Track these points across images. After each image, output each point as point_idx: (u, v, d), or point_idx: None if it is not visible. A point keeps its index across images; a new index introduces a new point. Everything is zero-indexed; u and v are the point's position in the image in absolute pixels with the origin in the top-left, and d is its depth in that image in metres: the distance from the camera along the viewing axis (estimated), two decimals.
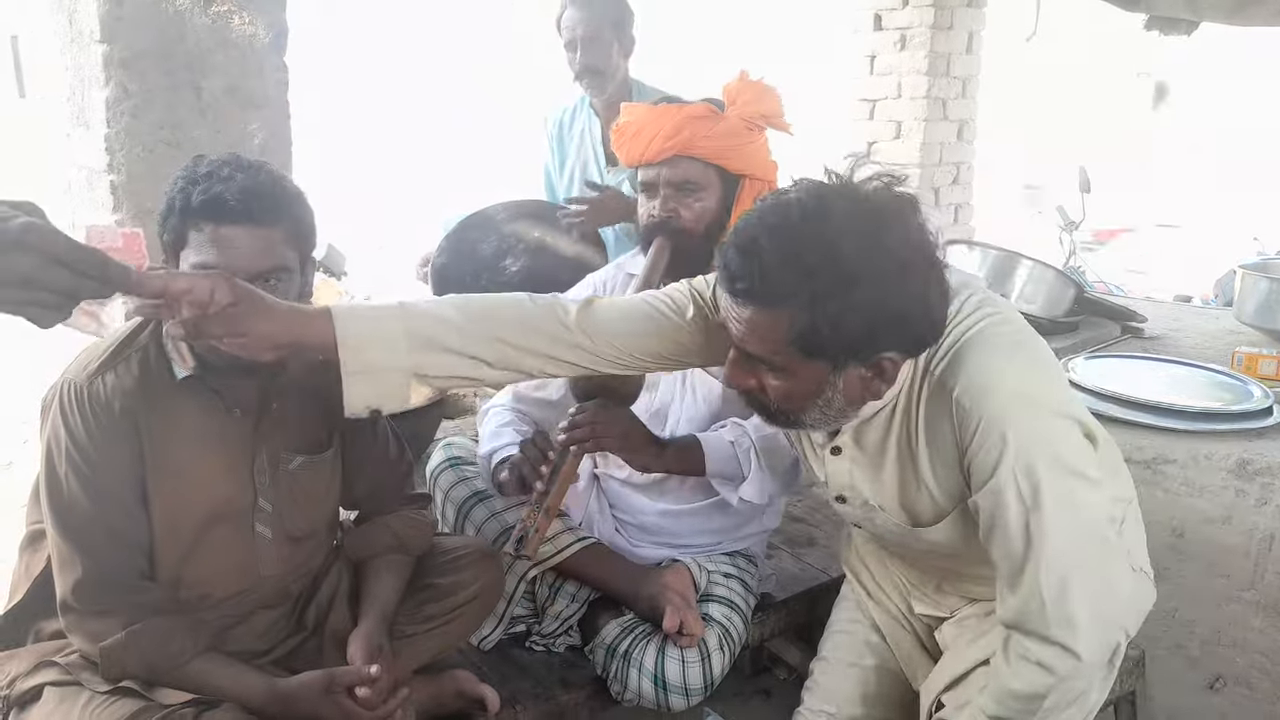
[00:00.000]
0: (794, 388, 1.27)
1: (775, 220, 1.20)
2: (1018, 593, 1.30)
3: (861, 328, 1.20)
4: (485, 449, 1.94)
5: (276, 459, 1.62)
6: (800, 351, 1.22)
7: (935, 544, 1.45)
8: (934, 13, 4.69)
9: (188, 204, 1.42)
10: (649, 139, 1.84)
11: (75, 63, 2.25)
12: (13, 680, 1.54)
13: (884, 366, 1.26)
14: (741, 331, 1.24)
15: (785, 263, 1.18)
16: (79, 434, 1.46)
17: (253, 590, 1.63)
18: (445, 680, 1.80)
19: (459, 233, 3.10)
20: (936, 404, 1.32)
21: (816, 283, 1.17)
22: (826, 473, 1.50)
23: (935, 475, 1.36)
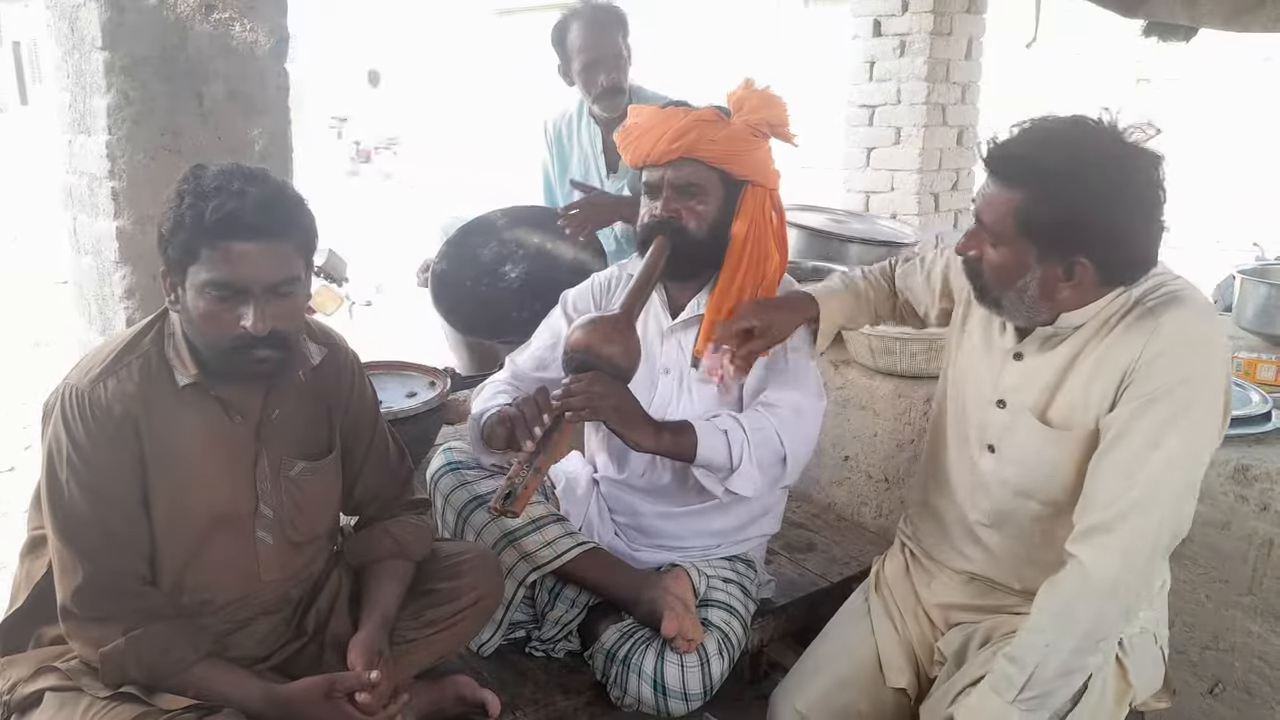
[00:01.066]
0: (1003, 263, 1.47)
1: (1043, 123, 1.45)
2: (1097, 500, 1.43)
3: (1073, 225, 1.40)
4: (477, 410, 1.91)
5: (278, 465, 1.62)
6: (1017, 226, 1.43)
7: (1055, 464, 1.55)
8: (933, 19, 4.69)
9: (200, 221, 1.41)
10: (655, 140, 1.85)
11: (77, 69, 2.26)
12: (13, 685, 1.54)
13: (1076, 271, 1.44)
14: (981, 204, 1.48)
15: (1033, 153, 1.42)
16: (80, 439, 1.47)
17: (253, 596, 1.63)
18: (445, 685, 1.80)
19: (459, 238, 3.11)
20: (1135, 328, 1.46)
21: (1052, 176, 1.39)
22: (998, 376, 1.63)
23: (1095, 391, 1.49)
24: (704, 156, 1.85)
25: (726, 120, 1.88)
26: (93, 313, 2.47)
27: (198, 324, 1.47)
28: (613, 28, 3.00)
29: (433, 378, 2.71)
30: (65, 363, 1.65)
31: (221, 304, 1.45)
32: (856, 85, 5.12)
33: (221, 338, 1.47)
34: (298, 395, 1.65)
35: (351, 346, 1.81)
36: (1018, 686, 1.43)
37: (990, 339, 1.69)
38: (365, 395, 1.78)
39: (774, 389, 1.89)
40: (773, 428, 1.83)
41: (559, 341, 2.01)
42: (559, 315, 2.08)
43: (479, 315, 2.96)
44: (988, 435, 1.67)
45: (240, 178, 1.45)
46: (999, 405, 1.65)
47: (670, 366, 1.96)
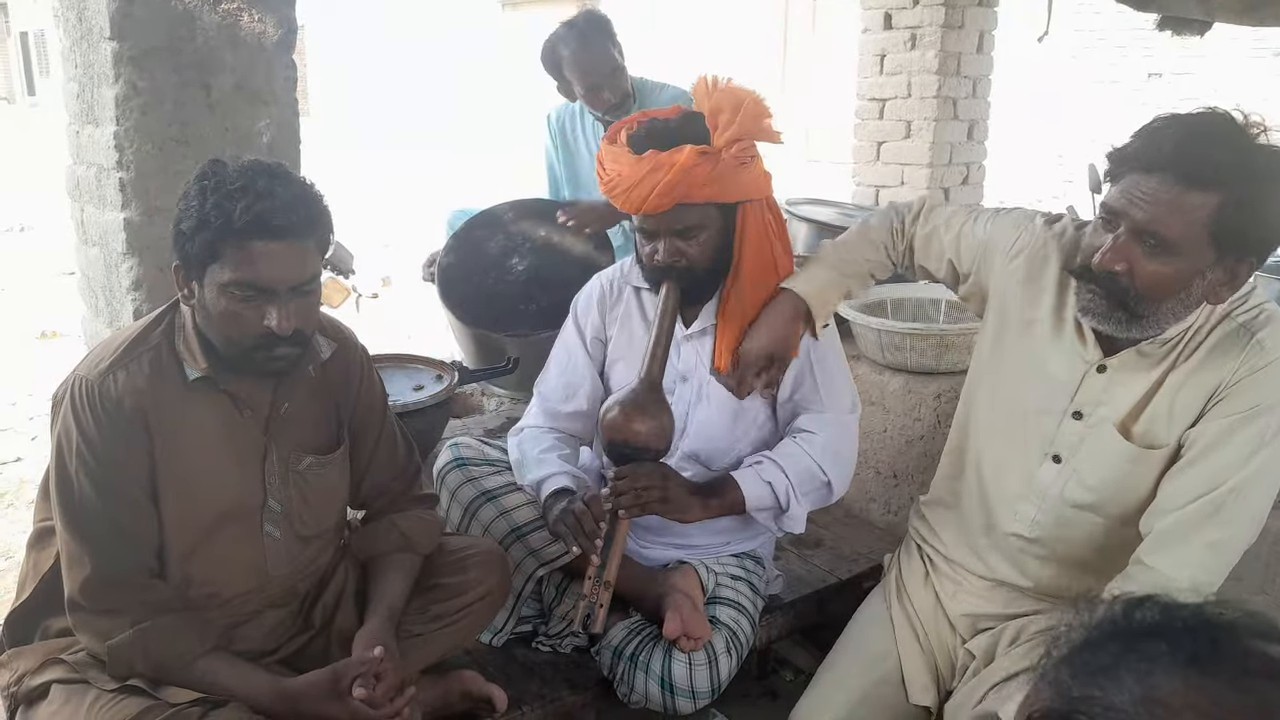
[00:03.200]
0: (1172, 273, 1.36)
1: (1215, 124, 1.34)
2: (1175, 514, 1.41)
3: (1266, 226, 1.34)
4: (531, 477, 1.91)
5: (286, 459, 1.62)
6: (1210, 234, 1.32)
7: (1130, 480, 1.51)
8: (945, 11, 4.66)
9: (228, 221, 1.39)
10: (644, 195, 1.76)
11: (85, 60, 2.25)
12: (20, 677, 1.54)
13: (1239, 272, 1.38)
14: (1153, 211, 1.33)
15: (1229, 155, 1.30)
16: (89, 431, 1.46)
17: (261, 589, 1.63)
18: (452, 680, 1.80)
19: (466, 232, 3.10)
20: (1229, 345, 1.43)
21: (1255, 177, 1.30)
22: (1075, 387, 1.56)
23: (1182, 404, 1.45)
24: (696, 199, 1.78)
25: (711, 157, 1.76)
26: (100, 304, 2.46)
27: (218, 322, 1.47)
28: (602, 43, 2.98)
29: (440, 371, 2.71)
30: (72, 353, 1.65)
31: (245, 303, 1.44)
32: (866, 78, 5.10)
33: (244, 336, 1.46)
34: (307, 389, 1.65)
35: (359, 340, 1.80)
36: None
37: (1063, 346, 1.60)
38: (374, 390, 1.78)
39: (809, 414, 1.91)
40: (814, 460, 1.86)
41: (575, 363, 2.02)
42: (571, 330, 2.06)
43: (486, 308, 2.96)
44: (1056, 446, 1.61)
45: (264, 176, 1.44)
46: (1074, 417, 1.58)
47: (688, 374, 1.94)
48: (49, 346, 5.51)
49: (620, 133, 1.85)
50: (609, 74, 2.97)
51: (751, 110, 1.78)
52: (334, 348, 1.69)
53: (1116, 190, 1.40)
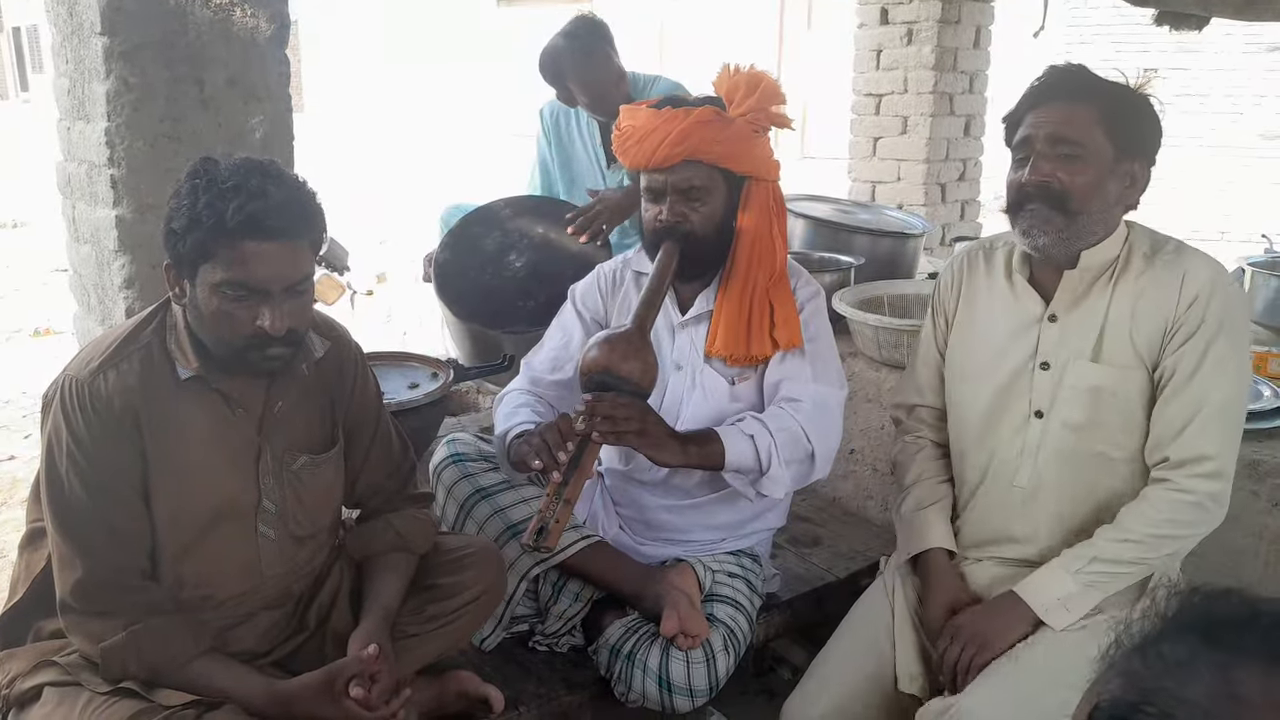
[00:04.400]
0: (1088, 171, 1.59)
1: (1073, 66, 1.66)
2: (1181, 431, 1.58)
3: (1141, 124, 1.61)
4: (501, 428, 1.89)
5: (280, 459, 1.60)
6: (1105, 132, 1.57)
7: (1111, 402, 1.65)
8: (942, 6, 4.66)
9: (220, 221, 1.38)
10: (655, 145, 1.79)
11: (76, 55, 2.23)
12: (12, 679, 1.52)
13: (1137, 174, 1.62)
14: (1055, 124, 1.59)
15: (1082, 74, 1.63)
16: (80, 431, 1.45)
17: (255, 590, 1.61)
18: (448, 681, 1.78)
19: (462, 228, 3.08)
20: (1162, 277, 1.62)
21: (1115, 88, 1.62)
22: (1034, 342, 1.71)
23: (1142, 332, 1.63)
24: (706, 158, 1.81)
25: (725, 118, 1.83)
26: (92, 301, 2.44)
27: (209, 321, 1.45)
28: (605, 53, 2.97)
29: (436, 369, 2.69)
30: (65, 351, 1.64)
31: (237, 303, 1.43)
32: (863, 74, 5.09)
33: (236, 336, 1.45)
34: (301, 388, 1.63)
35: (354, 338, 1.79)
36: (1085, 559, 1.60)
37: (1012, 310, 1.74)
38: (368, 388, 1.76)
39: (796, 383, 1.87)
40: (798, 425, 1.81)
41: (570, 340, 2.00)
42: (569, 312, 2.06)
43: (483, 305, 2.94)
44: (1035, 403, 1.70)
45: (257, 174, 1.42)
46: (1043, 368, 1.69)
47: (682, 362, 1.94)
48: (42, 344, 5.48)
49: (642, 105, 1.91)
50: (614, 83, 2.96)
51: (768, 89, 1.85)
52: (328, 346, 1.67)
53: (1020, 131, 1.65)
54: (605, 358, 1.71)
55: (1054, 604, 1.61)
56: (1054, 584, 1.62)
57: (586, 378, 1.74)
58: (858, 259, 3.09)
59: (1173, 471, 1.59)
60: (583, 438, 1.67)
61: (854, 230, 3.33)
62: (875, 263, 3.17)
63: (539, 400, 1.96)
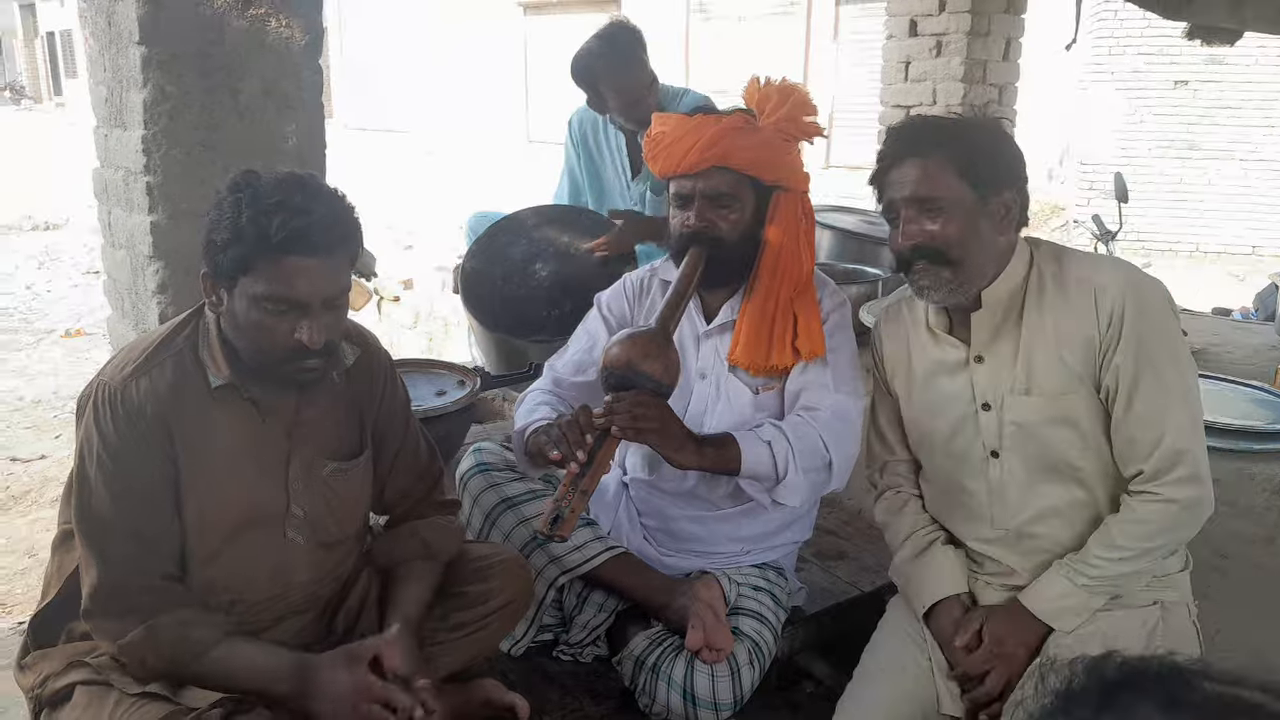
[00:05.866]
0: (955, 220, 1.60)
1: (913, 120, 1.71)
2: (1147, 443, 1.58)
3: (994, 157, 1.62)
4: (520, 424, 1.89)
5: (309, 465, 1.61)
6: (959, 175, 1.59)
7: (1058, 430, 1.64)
8: (971, 19, 4.64)
9: (265, 237, 1.39)
10: (685, 151, 1.80)
11: (114, 64, 2.27)
12: (44, 679, 1.54)
13: (1009, 203, 1.62)
14: (912, 185, 1.61)
15: (930, 125, 1.66)
16: (110, 435, 1.46)
17: (283, 596, 1.62)
18: (473, 689, 1.78)
19: (489, 237, 3.10)
20: (1070, 295, 1.62)
21: (958, 129, 1.63)
22: (969, 386, 1.70)
23: (1073, 354, 1.62)
24: (735, 165, 1.81)
25: (755, 126, 1.84)
26: (126, 306, 2.48)
27: (247, 332, 1.47)
28: (639, 59, 2.98)
29: (462, 377, 2.71)
30: (95, 351, 1.66)
31: (277, 317, 1.44)
32: (891, 85, 5.08)
33: (274, 348, 1.47)
34: (330, 396, 1.64)
35: (383, 346, 1.80)
36: (1084, 575, 1.61)
37: (941, 361, 1.75)
38: (397, 396, 1.78)
39: (815, 391, 1.86)
40: (816, 433, 1.79)
41: (595, 345, 2.00)
42: (595, 318, 2.06)
43: (508, 313, 2.96)
44: (988, 445, 1.70)
45: (300, 190, 1.44)
46: (984, 409, 1.69)
47: (706, 371, 1.94)
48: (73, 345, 5.56)
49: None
50: (646, 88, 2.97)
51: (800, 100, 1.86)
52: (358, 354, 1.69)
53: (885, 195, 1.67)
54: (627, 355, 1.71)
55: (1063, 612, 1.63)
56: (1060, 595, 1.64)
57: (608, 374, 1.73)
58: (885, 271, 3.08)
59: (1151, 484, 1.59)
60: (602, 431, 1.67)
61: (881, 242, 3.33)
62: None
63: (561, 400, 1.96)
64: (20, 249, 8.55)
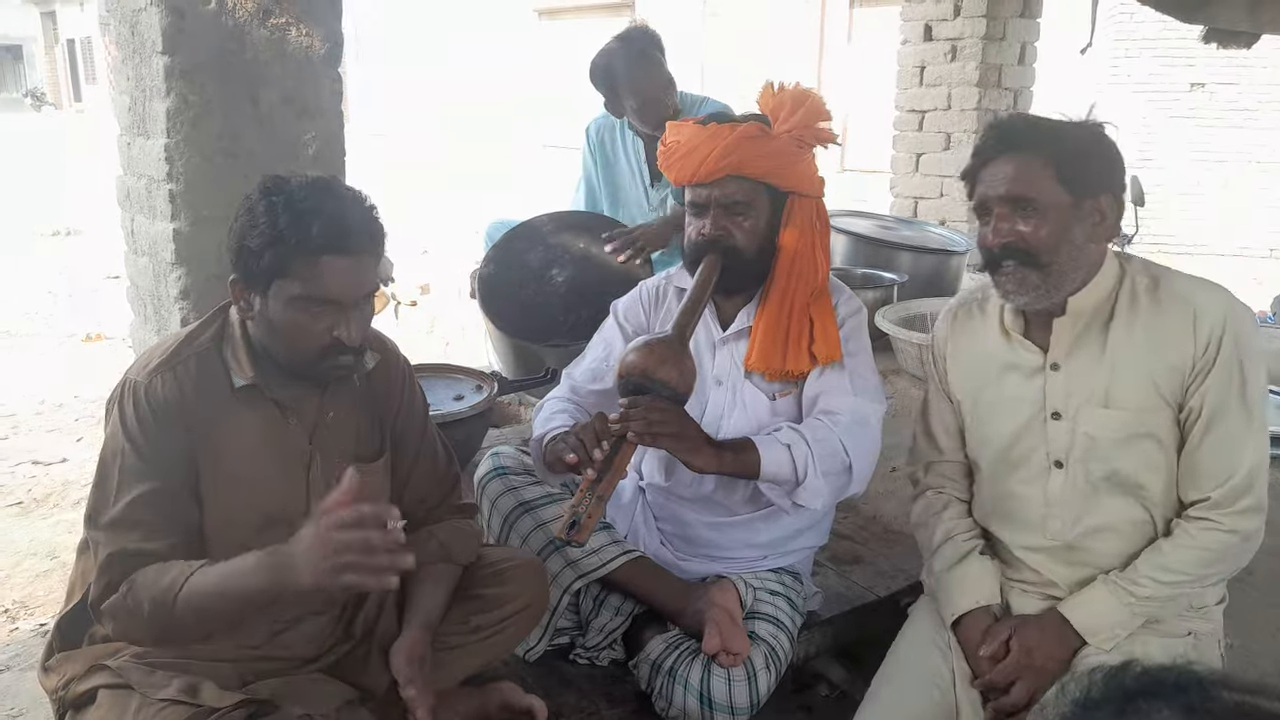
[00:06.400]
0: (1049, 223, 1.57)
1: (1013, 117, 1.67)
2: (1220, 471, 1.58)
3: (1091, 163, 1.59)
4: (539, 431, 1.90)
5: (330, 467, 1.63)
6: (1056, 180, 1.56)
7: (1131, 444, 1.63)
8: (986, 23, 4.63)
9: (306, 239, 1.43)
10: (700, 160, 1.81)
11: (137, 73, 2.29)
12: (68, 681, 1.56)
13: (1104, 209, 1.59)
14: (1008, 183, 1.59)
15: (1031, 122, 1.64)
16: (134, 430, 1.49)
17: (299, 596, 1.63)
18: (490, 692, 1.80)
19: (506, 243, 3.12)
20: (1165, 311, 1.60)
21: (1058, 131, 1.60)
22: (1041, 393, 1.68)
23: (1161, 373, 1.60)
24: (750, 173, 1.82)
25: (770, 133, 1.84)
26: (148, 312, 2.50)
27: (283, 333, 1.50)
28: (658, 60, 3.00)
29: (480, 381, 2.72)
30: (115, 356, 1.68)
31: (314, 317, 1.48)
32: (905, 90, 5.08)
33: (311, 347, 1.50)
34: (351, 399, 1.67)
35: (402, 351, 1.82)
36: (1136, 597, 1.61)
37: (1013, 364, 1.72)
38: (416, 401, 1.79)
39: (835, 395, 1.86)
40: (836, 437, 1.79)
41: (611, 352, 2.01)
42: (611, 325, 2.07)
43: (525, 319, 2.97)
44: (1054, 451, 1.68)
45: (331, 195, 1.48)
46: (1054, 418, 1.67)
47: (722, 378, 1.95)
48: (93, 349, 5.61)
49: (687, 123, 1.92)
50: (664, 90, 2.98)
51: (814, 106, 1.86)
52: (378, 359, 1.71)
53: (976, 192, 1.65)
54: (643, 361, 1.72)
55: (1103, 628, 1.62)
56: (1103, 611, 1.62)
57: (624, 380, 1.74)
58: (901, 276, 3.09)
59: (1215, 511, 1.58)
60: (618, 437, 1.67)
61: (897, 247, 3.33)
62: (918, 280, 3.16)
63: (578, 408, 1.97)
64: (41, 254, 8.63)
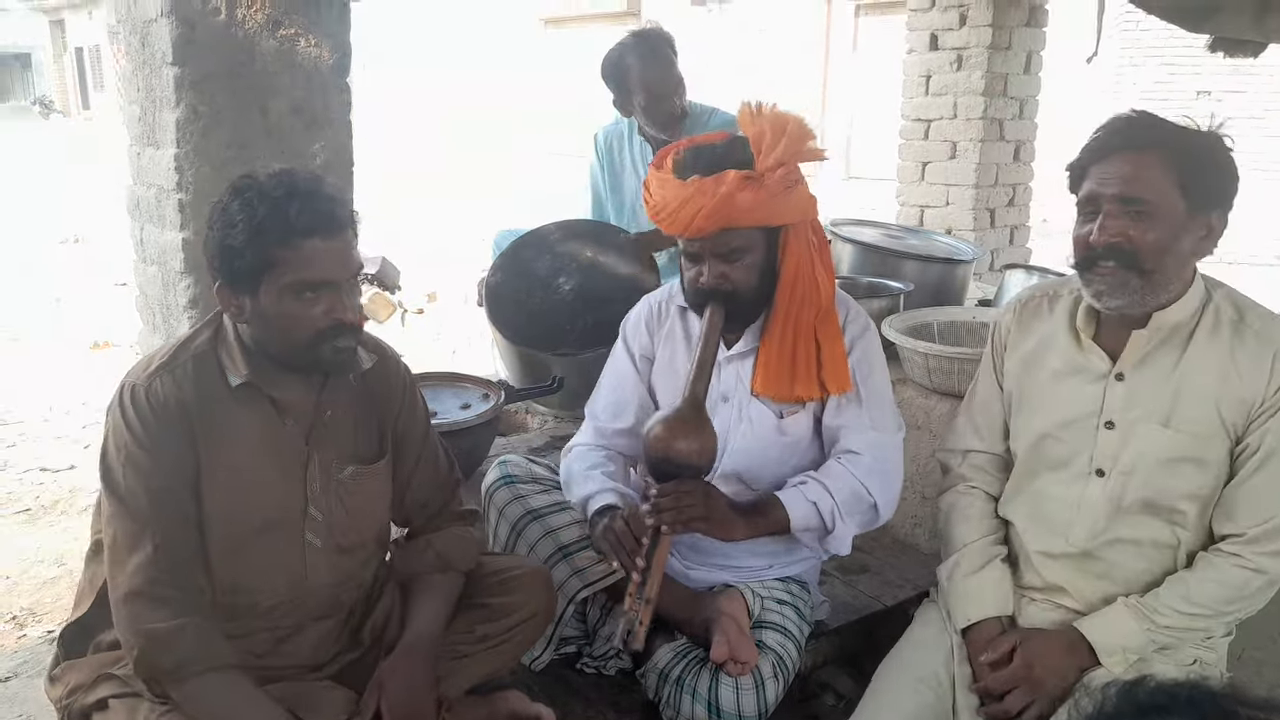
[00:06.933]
0: (1160, 228, 1.53)
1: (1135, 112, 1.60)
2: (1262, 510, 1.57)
3: (1212, 174, 1.54)
4: (579, 494, 1.92)
5: (329, 468, 1.63)
6: (1174, 181, 1.51)
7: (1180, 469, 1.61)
8: (992, 33, 4.64)
9: (288, 225, 1.45)
10: (690, 218, 1.77)
11: (147, 84, 2.31)
12: (73, 690, 1.56)
13: (1213, 223, 1.56)
14: (1123, 182, 1.53)
15: (1149, 124, 1.56)
16: (137, 431, 1.50)
17: (300, 599, 1.64)
18: (497, 700, 1.80)
19: (513, 251, 3.13)
20: (1252, 351, 1.58)
21: (1185, 133, 1.55)
22: (1100, 400, 1.66)
23: (1228, 404, 1.58)
24: (742, 224, 1.78)
25: (757, 181, 1.76)
26: (157, 320, 2.52)
27: (280, 325, 1.51)
28: (669, 56, 3.02)
29: (487, 390, 2.73)
30: (123, 363, 1.69)
31: (309, 302, 1.50)
32: (911, 99, 5.09)
33: (309, 333, 1.51)
34: (349, 399, 1.67)
35: (403, 356, 1.83)
36: (1154, 624, 1.60)
37: (1075, 363, 1.70)
38: (417, 406, 1.80)
39: (854, 433, 1.89)
40: (859, 482, 1.84)
41: (624, 381, 2.03)
42: (621, 353, 2.07)
43: (532, 327, 2.98)
44: (1098, 459, 1.67)
45: (298, 181, 1.50)
46: (1107, 427, 1.66)
47: (729, 395, 1.94)
48: (102, 357, 5.63)
49: (666, 159, 1.86)
50: (674, 87, 3.00)
51: (795, 133, 1.79)
52: (375, 360, 1.71)
53: (1085, 186, 1.58)
54: (663, 444, 1.74)
55: (1118, 650, 1.61)
56: (1121, 631, 1.62)
57: (650, 461, 1.78)
58: (907, 285, 3.08)
59: (1246, 547, 1.58)
60: (654, 532, 1.73)
61: (903, 256, 3.33)
62: (925, 289, 3.16)
63: (609, 457, 2.00)
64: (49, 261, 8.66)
